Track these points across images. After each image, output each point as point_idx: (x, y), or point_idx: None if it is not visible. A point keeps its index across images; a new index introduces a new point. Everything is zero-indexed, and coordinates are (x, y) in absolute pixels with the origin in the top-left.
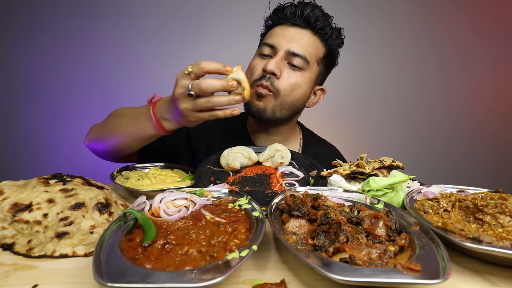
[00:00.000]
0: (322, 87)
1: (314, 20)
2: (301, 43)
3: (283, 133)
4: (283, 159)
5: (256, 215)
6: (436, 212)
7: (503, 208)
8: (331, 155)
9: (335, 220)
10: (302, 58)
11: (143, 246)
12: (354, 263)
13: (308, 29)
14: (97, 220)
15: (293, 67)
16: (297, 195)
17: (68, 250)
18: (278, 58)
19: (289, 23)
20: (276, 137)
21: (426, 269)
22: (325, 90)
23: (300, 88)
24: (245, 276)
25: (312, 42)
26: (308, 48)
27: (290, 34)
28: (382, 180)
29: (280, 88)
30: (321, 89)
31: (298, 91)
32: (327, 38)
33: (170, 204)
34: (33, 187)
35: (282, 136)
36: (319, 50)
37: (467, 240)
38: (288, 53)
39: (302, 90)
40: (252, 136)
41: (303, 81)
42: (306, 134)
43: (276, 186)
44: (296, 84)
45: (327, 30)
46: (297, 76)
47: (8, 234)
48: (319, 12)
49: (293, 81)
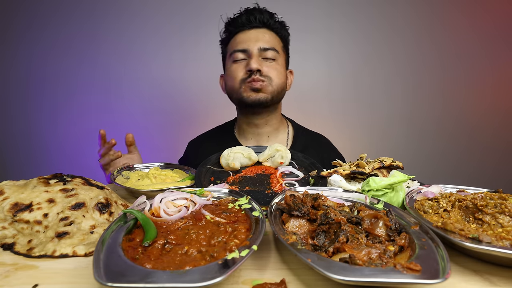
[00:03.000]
0: (290, 70)
1: (266, 19)
2: (266, 39)
3: (272, 124)
4: (283, 159)
5: (256, 215)
6: (435, 212)
7: (502, 208)
8: (322, 143)
9: (335, 220)
10: (273, 50)
11: (143, 246)
12: (354, 263)
13: (264, 28)
14: (97, 220)
15: (269, 60)
16: (297, 195)
17: (68, 250)
18: (256, 57)
19: (248, 27)
20: (266, 128)
21: (426, 269)
22: (293, 71)
23: (281, 73)
24: (245, 276)
25: (271, 36)
26: (272, 41)
27: (254, 35)
28: (382, 180)
29: (271, 76)
30: (289, 72)
31: (281, 76)
32: (278, 31)
33: (170, 204)
34: (34, 187)
35: (272, 127)
36: (278, 41)
37: (466, 240)
38: (261, 50)
39: (282, 75)
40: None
41: (280, 68)
42: (295, 126)
43: (276, 186)
44: (277, 71)
45: (277, 25)
46: (275, 65)
47: (8, 234)
48: (266, 12)
49: (275, 69)
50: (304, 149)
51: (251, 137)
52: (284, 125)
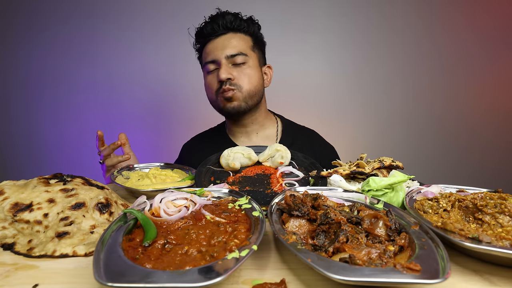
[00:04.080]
0: (268, 65)
1: (230, 23)
2: (232, 44)
3: (258, 121)
4: (283, 159)
5: (256, 215)
6: (435, 212)
7: (502, 208)
8: (310, 135)
9: (335, 220)
10: (241, 55)
11: (143, 246)
12: (354, 263)
13: (230, 32)
14: (97, 220)
15: (238, 65)
16: (297, 195)
17: (68, 250)
18: (224, 66)
19: (214, 36)
20: (253, 126)
21: (426, 269)
22: (271, 66)
23: (253, 76)
24: (245, 276)
25: (238, 39)
26: (239, 45)
27: (220, 43)
28: (382, 180)
29: (241, 83)
30: (267, 67)
31: (253, 79)
32: (246, 30)
33: (170, 204)
34: (34, 187)
35: (258, 124)
36: (247, 41)
37: (466, 240)
38: (228, 58)
39: (255, 77)
40: (233, 137)
41: (252, 71)
42: (284, 121)
43: (276, 186)
44: (249, 75)
45: (243, 24)
46: (245, 69)
47: (8, 234)
48: (229, 15)
49: (245, 74)
50: (293, 143)
51: (240, 135)
52: (273, 120)
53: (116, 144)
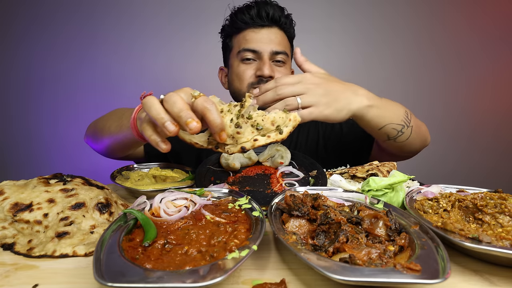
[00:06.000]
0: (292, 70)
1: (278, 17)
2: (278, 41)
3: None
4: (283, 159)
5: (256, 215)
6: (435, 212)
7: (502, 208)
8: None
9: (335, 220)
10: (284, 54)
11: (143, 246)
12: (354, 263)
13: (276, 27)
14: (97, 220)
15: (279, 63)
16: (297, 195)
17: (68, 250)
18: (268, 62)
19: (258, 25)
20: None
21: (426, 269)
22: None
23: None
24: (245, 276)
25: (282, 38)
26: (283, 43)
27: (266, 35)
28: (382, 180)
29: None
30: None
31: None
32: (287, 30)
33: (170, 204)
34: (34, 187)
35: None
36: (287, 42)
37: (466, 240)
38: (272, 53)
39: None
40: None
41: (288, 72)
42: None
43: (276, 186)
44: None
45: (287, 23)
46: (284, 69)
47: (8, 234)
48: (277, 8)
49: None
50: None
51: None
52: None
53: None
